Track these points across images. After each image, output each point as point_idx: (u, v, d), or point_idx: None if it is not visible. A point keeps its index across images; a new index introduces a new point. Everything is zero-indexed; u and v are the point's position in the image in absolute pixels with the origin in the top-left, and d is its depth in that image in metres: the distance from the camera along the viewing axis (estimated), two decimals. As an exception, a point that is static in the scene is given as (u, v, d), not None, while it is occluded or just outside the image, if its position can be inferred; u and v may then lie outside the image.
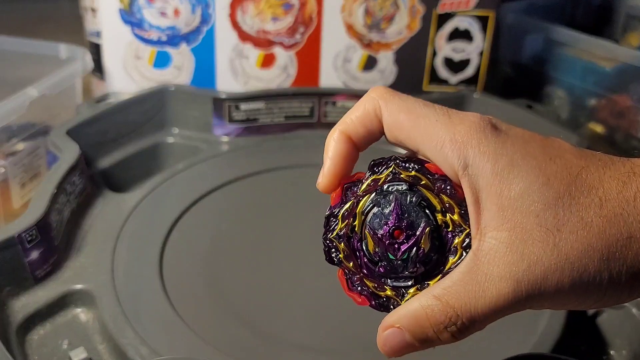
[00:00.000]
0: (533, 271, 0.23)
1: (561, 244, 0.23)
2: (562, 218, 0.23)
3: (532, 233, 0.23)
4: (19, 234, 0.40)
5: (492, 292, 0.23)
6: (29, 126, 0.56)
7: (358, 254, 0.26)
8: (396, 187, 0.25)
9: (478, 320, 0.24)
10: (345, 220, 0.26)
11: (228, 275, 0.45)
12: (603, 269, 0.23)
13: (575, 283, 0.23)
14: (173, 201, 0.52)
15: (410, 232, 0.25)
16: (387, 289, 0.26)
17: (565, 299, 0.24)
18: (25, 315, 0.40)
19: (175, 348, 0.38)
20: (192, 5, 0.62)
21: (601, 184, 0.24)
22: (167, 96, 0.61)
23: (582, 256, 0.23)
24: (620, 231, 0.23)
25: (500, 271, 0.23)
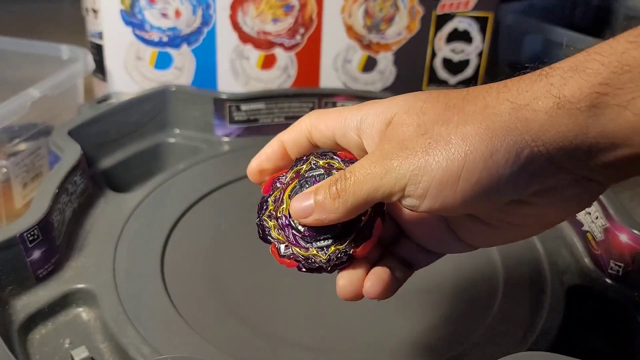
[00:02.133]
0: (411, 162, 0.26)
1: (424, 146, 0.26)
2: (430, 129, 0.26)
3: (412, 135, 0.27)
4: (20, 233, 0.40)
5: (366, 166, 0.27)
6: (30, 126, 0.56)
7: (286, 230, 0.30)
8: (315, 172, 0.31)
9: (354, 183, 0.27)
10: (274, 204, 0.31)
11: (229, 275, 0.45)
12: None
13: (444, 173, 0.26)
14: (174, 201, 0.52)
15: None
16: (312, 250, 0.30)
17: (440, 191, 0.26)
18: (26, 314, 0.40)
19: (177, 347, 0.38)
20: (193, 6, 0.62)
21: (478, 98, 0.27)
22: (168, 97, 0.61)
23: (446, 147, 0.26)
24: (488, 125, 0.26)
25: (377, 151, 0.28)
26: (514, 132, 0.25)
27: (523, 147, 0.25)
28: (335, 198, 0.28)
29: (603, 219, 0.45)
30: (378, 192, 0.27)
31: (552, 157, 0.25)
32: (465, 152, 0.25)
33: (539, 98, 0.25)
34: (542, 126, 0.25)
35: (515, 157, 0.25)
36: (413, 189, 0.26)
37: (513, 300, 0.43)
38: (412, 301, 0.43)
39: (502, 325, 0.41)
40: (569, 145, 0.25)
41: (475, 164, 0.25)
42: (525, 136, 0.25)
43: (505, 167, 0.25)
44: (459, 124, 0.26)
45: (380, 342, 0.40)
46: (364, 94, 0.64)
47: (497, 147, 0.25)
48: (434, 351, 0.39)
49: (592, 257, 0.46)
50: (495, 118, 0.25)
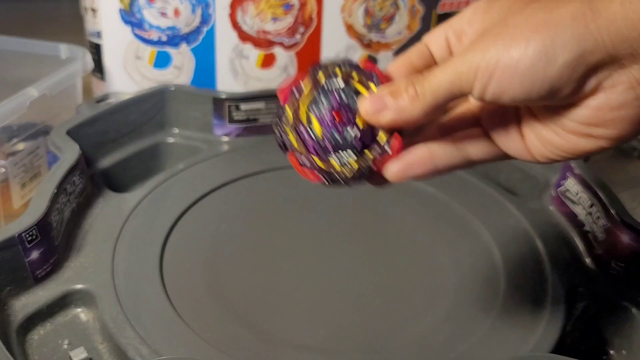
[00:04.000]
0: (482, 49, 0.27)
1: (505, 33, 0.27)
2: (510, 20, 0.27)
3: (494, 27, 0.27)
4: (19, 233, 0.40)
5: (448, 63, 0.28)
6: (29, 126, 0.56)
7: (304, 138, 0.30)
8: (332, 82, 0.31)
9: (432, 83, 0.28)
10: (292, 109, 0.31)
11: (228, 275, 0.45)
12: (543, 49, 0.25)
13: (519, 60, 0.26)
14: (173, 201, 0.52)
15: (349, 113, 0.30)
16: (333, 163, 0.30)
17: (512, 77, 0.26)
18: (25, 315, 0.40)
19: (176, 348, 0.38)
20: (192, 5, 0.62)
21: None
22: (168, 96, 0.61)
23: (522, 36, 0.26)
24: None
25: (456, 54, 0.28)
26: (580, 20, 0.25)
27: (585, 36, 0.25)
28: (414, 100, 0.28)
29: (604, 219, 0.45)
30: (455, 89, 0.27)
31: (615, 49, 0.25)
32: (527, 37, 0.26)
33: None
34: (612, 15, 0.25)
35: (576, 44, 0.25)
36: (480, 79, 0.27)
37: (514, 300, 0.43)
38: (412, 301, 0.43)
39: (503, 325, 0.41)
40: (635, 39, 0.25)
41: (536, 50, 0.25)
42: (591, 25, 0.25)
43: (562, 53, 0.25)
44: (535, 10, 0.26)
45: (380, 342, 0.40)
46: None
47: (559, 33, 0.25)
48: (435, 351, 0.39)
49: (593, 257, 0.46)
50: (567, 6, 0.25)
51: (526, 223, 0.49)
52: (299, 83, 0.31)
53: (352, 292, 0.44)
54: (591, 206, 0.47)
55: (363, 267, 0.46)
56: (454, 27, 0.30)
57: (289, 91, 0.31)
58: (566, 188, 0.50)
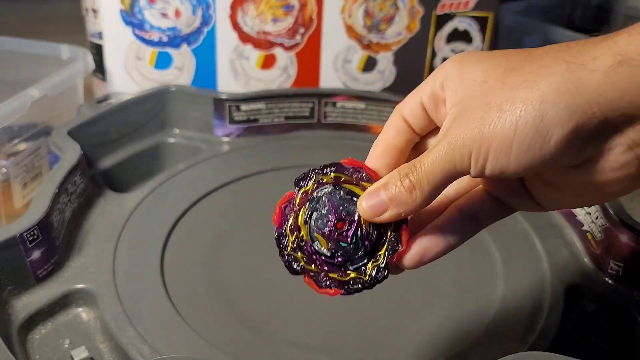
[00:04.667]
0: (470, 131, 0.26)
1: (493, 112, 0.26)
2: (499, 89, 0.26)
3: (474, 105, 0.27)
4: (20, 233, 0.40)
5: (437, 146, 0.27)
6: (30, 126, 0.56)
7: (315, 257, 0.30)
8: (323, 191, 0.30)
9: (426, 171, 0.27)
10: (293, 233, 0.30)
11: (229, 275, 0.45)
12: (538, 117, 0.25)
13: (512, 134, 0.25)
14: (174, 201, 0.52)
15: (350, 218, 0.29)
16: (349, 273, 0.29)
17: (506, 153, 0.26)
18: (26, 314, 0.40)
19: (177, 347, 0.38)
20: (193, 6, 0.62)
21: (544, 56, 0.26)
22: (168, 97, 0.61)
23: (514, 109, 0.25)
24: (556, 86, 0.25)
25: (442, 133, 0.28)
26: (566, 94, 0.25)
27: (575, 110, 0.25)
28: (411, 190, 0.28)
29: (603, 219, 0.45)
30: (451, 171, 0.27)
31: (607, 119, 0.25)
32: (516, 118, 0.25)
33: (598, 57, 0.24)
34: (597, 86, 0.24)
35: (567, 120, 0.25)
36: (475, 159, 0.26)
37: (513, 300, 0.43)
38: (412, 301, 0.43)
39: (502, 325, 0.41)
40: (625, 107, 0.24)
41: (526, 129, 0.25)
42: (578, 99, 0.25)
43: (555, 130, 0.25)
44: (513, 87, 0.26)
45: (380, 342, 0.40)
46: (364, 94, 0.64)
47: (548, 110, 0.25)
48: (435, 351, 0.39)
49: (592, 257, 0.46)
50: (548, 79, 0.25)
51: (525, 223, 0.50)
52: (289, 201, 0.30)
53: (352, 292, 0.44)
54: (590, 206, 0.47)
55: (363, 267, 0.46)
56: (428, 93, 0.29)
57: (281, 212, 0.30)
58: (565, 188, 0.50)
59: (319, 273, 0.30)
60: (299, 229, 0.30)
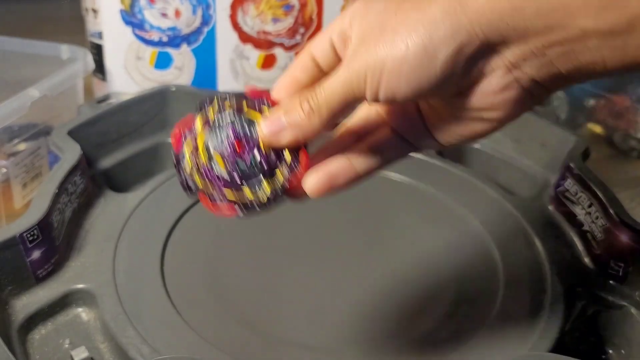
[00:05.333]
0: (367, 55, 0.27)
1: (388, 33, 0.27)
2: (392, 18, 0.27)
3: (372, 32, 0.28)
4: (20, 233, 0.40)
5: (337, 73, 0.28)
6: (30, 126, 0.56)
7: (212, 180, 0.30)
8: (225, 115, 0.30)
9: (326, 96, 0.28)
10: (192, 155, 0.30)
11: (229, 275, 0.45)
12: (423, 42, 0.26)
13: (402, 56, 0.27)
14: (174, 201, 0.52)
15: (249, 140, 0.30)
16: (246, 192, 0.30)
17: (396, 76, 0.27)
18: (26, 314, 0.40)
19: (177, 347, 0.38)
20: (193, 6, 0.62)
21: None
22: (168, 97, 0.61)
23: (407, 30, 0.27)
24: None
25: (344, 62, 0.29)
26: (452, 15, 0.26)
27: (459, 29, 0.26)
28: (310, 115, 0.29)
29: (603, 219, 0.45)
30: (349, 96, 0.28)
31: (488, 40, 0.26)
32: (407, 38, 0.26)
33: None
34: (480, 7, 0.26)
35: (452, 39, 0.26)
36: (370, 82, 0.27)
37: (513, 300, 0.43)
38: (412, 301, 0.43)
39: (502, 325, 0.41)
40: (503, 28, 0.26)
41: (416, 48, 0.26)
42: (462, 19, 0.26)
43: (441, 49, 0.26)
44: (406, 11, 0.27)
45: (380, 342, 0.40)
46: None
47: (435, 30, 0.26)
48: (435, 351, 0.39)
49: (592, 257, 0.46)
50: (436, 4, 0.26)
51: (525, 223, 0.50)
52: (189, 124, 0.30)
53: (352, 292, 0.44)
54: (590, 206, 0.47)
55: (363, 266, 0.46)
56: (337, 31, 0.30)
57: (181, 134, 0.31)
58: (565, 188, 0.50)
59: (213, 192, 0.30)
60: (198, 151, 0.30)
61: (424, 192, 0.54)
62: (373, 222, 0.52)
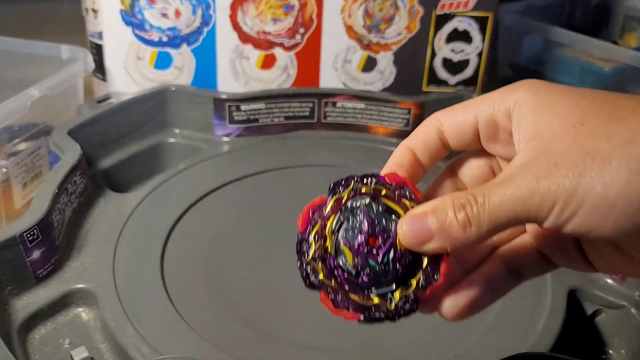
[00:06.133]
0: (549, 163, 0.23)
1: (585, 171, 0.22)
2: (592, 141, 0.23)
3: (566, 148, 0.23)
4: (20, 233, 0.40)
5: (508, 183, 0.23)
6: (30, 126, 0.56)
7: (336, 272, 0.26)
8: (360, 201, 0.26)
9: (490, 209, 0.23)
10: (318, 242, 0.26)
11: (229, 275, 0.45)
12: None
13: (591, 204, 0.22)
14: (174, 201, 0.52)
15: (385, 235, 0.25)
16: (373, 297, 0.26)
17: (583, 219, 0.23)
18: (26, 314, 0.40)
19: (177, 347, 0.38)
20: (193, 6, 0.62)
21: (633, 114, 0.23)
22: (168, 97, 0.61)
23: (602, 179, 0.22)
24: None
25: (516, 169, 0.24)
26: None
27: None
28: (465, 226, 0.24)
29: (603, 219, 0.45)
30: (521, 216, 0.23)
31: None
32: (627, 178, 0.22)
33: None
34: None
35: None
36: (559, 212, 0.23)
37: (514, 300, 0.43)
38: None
39: (503, 325, 0.41)
40: None
41: (637, 193, 0.22)
42: None
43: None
44: (624, 141, 0.22)
45: (380, 342, 0.40)
46: (364, 94, 0.64)
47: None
48: (435, 351, 0.39)
49: (592, 257, 0.46)
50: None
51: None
52: (319, 206, 0.27)
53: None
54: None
55: (363, 266, 0.46)
56: (485, 116, 0.26)
57: (308, 216, 0.27)
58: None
59: (338, 291, 0.26)
60: (325, 238, 0.26)
61: (423, 192, 0.54)
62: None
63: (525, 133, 0.25)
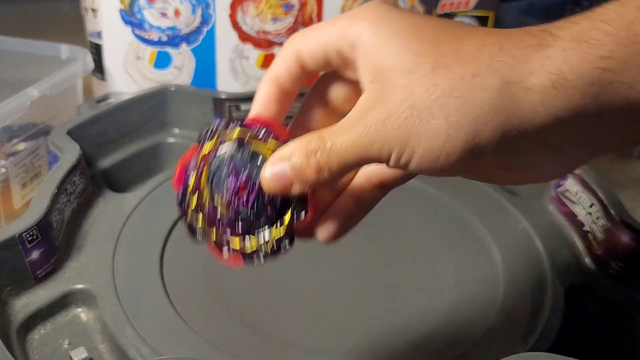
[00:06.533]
0: (384, 113, 0.25)
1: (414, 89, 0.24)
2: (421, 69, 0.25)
3: (399, 97, 0.25)
4: (19, 233, 0.40)
5: (352, 130, 0.26)
6: (29, 126, 0.56)
7: (216, 221, 0.28)
8: (226, 149, 0.27)
9: (338, 154, 0.26)
10: (195, 195, 0.28)
11: (228, 275, 0.45)
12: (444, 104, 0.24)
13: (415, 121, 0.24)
14: (174, 201, 0.52)
15: (252, 183, 0.27)
16: (252, 240, 0.28)
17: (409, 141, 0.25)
18: (26, 314, 0.40)
19: (176, 347, 0.38)
20: (193, 5, 0.62)
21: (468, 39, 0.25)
22: (168, 96, 0.61)
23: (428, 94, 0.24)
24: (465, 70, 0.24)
25: (359, 114, 0.26)
26: (502, 112, 0.23)
27: (509, 129, 0.24)
28: (318, 170, 0.26)
29: (604, 219, 0.45)
30: (365, 160, 0.26)
31: (540, 137, 0.24)
32: (447, 129, 0.24)
33: (533, 74, 0.23)
34: (533, 108, 0.23)
35: (500, 139, 0.24)
36: (396, 158, 0.25)
37: (514, 300, 0.43)
38: (412, 301, 0.43)
39: (503, 325, 0.41)
40: (559, 127, 0.24)
41: (456, 144, 0.24)
42: (513, 118, 0.24)
43: (487, 147, 0.24)
44: (444, 92, 0.24)
45: (380, 342, 0.40)
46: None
47: (481, 129, 0.24)
48: (435, 351, 0.39)
49: (592, 257, 0.46)
50: (482, 93, 0.24)
51: (526, 223, 0.50)
52: (191, 158, 0.28)
53: (353, 292, 0.44)
54: (591, 206, 0.47)
55: (363, 266, 0.46)
56: (334, 47, 0.27)
57: (182, 172, 0.28)
58: (566, 188, 0.50)
59: (222, 239, 0.28)
60: (201, 191, 0.28)
61: (424, 192, 0.54)
62: (373, 222, 0.52)
63: (367, 73, 0.26)
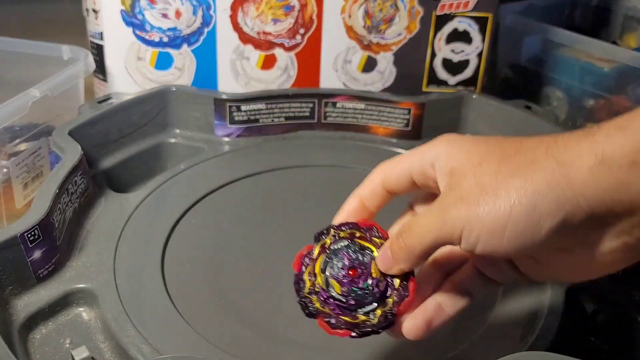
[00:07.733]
0: (456, 197, 0.29)
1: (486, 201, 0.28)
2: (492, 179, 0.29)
3: (469, 185, 0.29)
4: (21, 233, 0.40)
5: (429, 213, 0.31)
6: (31, 127, 0.56)
7: (328, 301, 0.33)
8: (339, 244, 0.34)
9: (417, 235, 0.31)
10: (310, 279, 0.33)
11: (230, 275, 0.46)
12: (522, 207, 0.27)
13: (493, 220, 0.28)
14: (175, 201, 0.52)
15: (362, 267, 0.33)
16: (359, 316, 0.33)
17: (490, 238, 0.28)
18: (27, 314, 0.40)
19: (177, 347, 0.38)
20: (194, 6, 0.62)
21: (534, 149, 0.29)
22: (169, 97, 0.61)
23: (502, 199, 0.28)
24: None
25: (435, 202, 0.31)
26: (556, 188, 0.27)
27: (564, 202, 0.27)
28: (404, 249, 0.31)
29: (603, 219, 0.45)
30: (439, 240, 0.30)
31: (594, 212, 0.27)
32: (510, 205, 0.27)
33: (582, 155, 0.27)
34: (584, 183, 0.27)
35: (557, 211, 0.27)
36: (467, 236, 0.29)
37: (513, 299, 0.43)
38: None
39: (502, 325, 0.41)
40: (610, 201, 0.27)
41: (519, 216, 0.27)
42: (567, 192, 0.27)
43: (546, 220, 0.27)
44: (507, 176, 0.28)
45: (380, 342, 0.40)
46: (364, 94, 0.64)
47: (540, 201, 0.27)
48: (434, 351, 0.40)
49: (591, 257, 0.46)
50: (539, 174, 0.27)
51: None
52: (308, 251, 0.34)
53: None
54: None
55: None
56: (417, 169, 0.33)
57: (301, 260, 0.34)
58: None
59: (331, 316, 0.32)
60: (315, 276, 0.33)
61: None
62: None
63: (443, 177, 0.31)
